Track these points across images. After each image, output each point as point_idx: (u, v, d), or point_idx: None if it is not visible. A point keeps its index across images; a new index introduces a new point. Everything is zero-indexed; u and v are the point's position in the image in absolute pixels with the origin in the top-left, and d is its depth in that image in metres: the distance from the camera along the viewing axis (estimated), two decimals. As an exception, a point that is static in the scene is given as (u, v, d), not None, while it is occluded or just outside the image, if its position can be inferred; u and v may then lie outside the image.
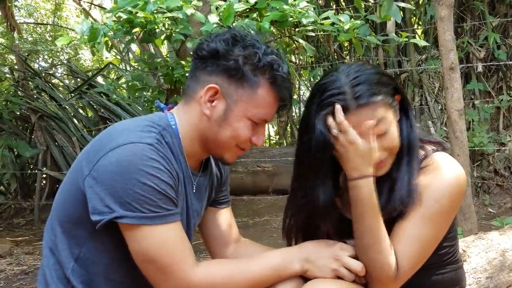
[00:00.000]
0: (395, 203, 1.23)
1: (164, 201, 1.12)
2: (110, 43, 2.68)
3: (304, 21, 2.61)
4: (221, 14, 2.45)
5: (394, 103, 1.25)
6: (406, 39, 2.86)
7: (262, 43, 1.23)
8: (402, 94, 1.30)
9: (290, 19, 2.58)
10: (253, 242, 1.51)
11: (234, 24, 2.59)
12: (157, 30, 2.51)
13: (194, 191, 1.30)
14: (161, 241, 1.12)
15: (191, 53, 2.95)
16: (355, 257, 1.24)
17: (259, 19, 2.62)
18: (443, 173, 1.23)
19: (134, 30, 2.60)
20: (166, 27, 2.50)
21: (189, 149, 1.25)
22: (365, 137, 1.18)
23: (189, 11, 2.50)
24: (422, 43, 3.13)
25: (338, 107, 1.17)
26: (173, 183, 1.15)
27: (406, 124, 1.29)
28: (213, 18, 2.43)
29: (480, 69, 5.41)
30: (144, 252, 1.12)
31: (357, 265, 1.22)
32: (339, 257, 1.22)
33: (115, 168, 1.08)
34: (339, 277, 1.22)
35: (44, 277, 1.23)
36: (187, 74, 2.85)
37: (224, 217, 1.49)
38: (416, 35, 6.00)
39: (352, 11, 5.59)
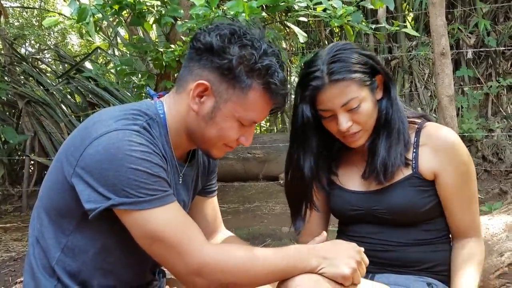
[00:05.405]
0: (375, 171, 1.34)
1: (160, 183, 1.09)
2: (98, 26, 2.64)
3: (296, 6, 2.58)
4: None
5: (371, 82, 1.31)
6: (398, 28, 2.84)
7: (264, 41, 1.16)
8: (385, 75, 1.35)
9: (282, 3, 2.54)
10: (234, 236, 1.50)
11: (222, 10, 2.54)
12: (146, 12, 2.46)
13: (180, 182, 1.27)
14: (165, 221, 1.07)
15: (182, 37, 2.90)
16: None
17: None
18: (448, 140, 1.33)
19: (123, 12, 2.55)
20: (156, 9, 2.45)
21: (176, 140, 1.22)
22: (335, 112, 1.28)
23: None
24: (412, 32, 3.11)
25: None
26: (164, 165, 1.12)
27: (386, 103, 1.36)
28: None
29: (470, 55, 5.43)
30: (150, 235, 1.08)
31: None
32: (357, 258, 1.15)
33: (103, 157, 1.04)
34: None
35: (30, 266, 1.20)
36: (177, 59, 2.80)
37: (211, 206, 1.47)
38: (407, 21, 5.98)
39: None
